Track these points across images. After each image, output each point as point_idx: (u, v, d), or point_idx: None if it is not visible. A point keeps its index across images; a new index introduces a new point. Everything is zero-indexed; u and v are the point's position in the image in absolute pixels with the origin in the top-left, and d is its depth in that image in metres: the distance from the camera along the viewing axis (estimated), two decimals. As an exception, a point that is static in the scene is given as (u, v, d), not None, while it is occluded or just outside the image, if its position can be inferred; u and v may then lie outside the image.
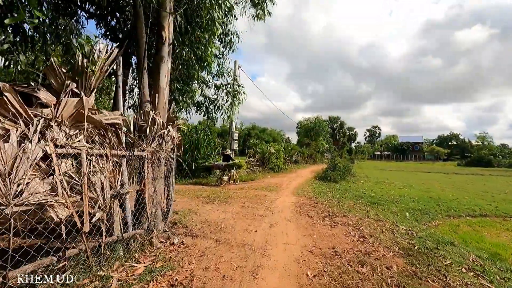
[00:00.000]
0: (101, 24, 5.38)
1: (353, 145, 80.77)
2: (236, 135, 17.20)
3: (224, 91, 6.66)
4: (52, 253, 2.37)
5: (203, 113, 6.78)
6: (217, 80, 6.71)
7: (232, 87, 6.64)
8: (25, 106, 2.21)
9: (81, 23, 5.11)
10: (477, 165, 43.04)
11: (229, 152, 12.52)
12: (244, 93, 6.87)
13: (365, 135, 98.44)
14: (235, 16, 5.90)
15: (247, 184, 10.95)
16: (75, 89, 2.62)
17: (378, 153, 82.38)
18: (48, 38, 3.79)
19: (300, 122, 41.77)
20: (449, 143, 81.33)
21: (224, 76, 6.68)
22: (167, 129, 3.81)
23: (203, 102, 6.79)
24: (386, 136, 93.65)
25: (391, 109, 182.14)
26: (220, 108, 6.68)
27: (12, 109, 2.14)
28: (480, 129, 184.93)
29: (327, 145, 40.84)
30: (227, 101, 6.77)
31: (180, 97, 5.61)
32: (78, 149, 2.51)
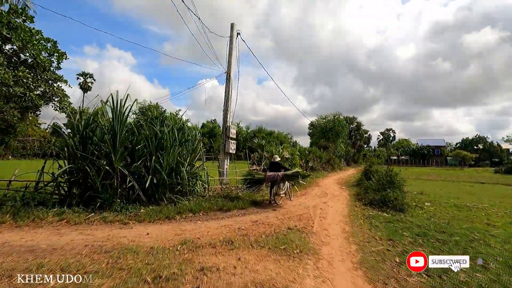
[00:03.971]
0: None
1: (366, 148, 74.06)
2: (233, 132, 11.81)
3: None
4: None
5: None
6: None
7: None
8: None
9: None
10: (520, 173, 36.25)
11: (277, 159, 8.78)
12: None
13: (378, 138, 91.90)
14: None
15: (242, 220, 5.54)
16: None
17: (395, 157, 75.15)
18: None
19: (315, 121, 35.86)
20: (475, 147, 73.78)
21: None
22: None
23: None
24: (398, 140, 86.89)
25: (399, 112, 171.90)
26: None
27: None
28: (492, 133, 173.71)
29: (345, 148, 34.91)
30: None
31: None
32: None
